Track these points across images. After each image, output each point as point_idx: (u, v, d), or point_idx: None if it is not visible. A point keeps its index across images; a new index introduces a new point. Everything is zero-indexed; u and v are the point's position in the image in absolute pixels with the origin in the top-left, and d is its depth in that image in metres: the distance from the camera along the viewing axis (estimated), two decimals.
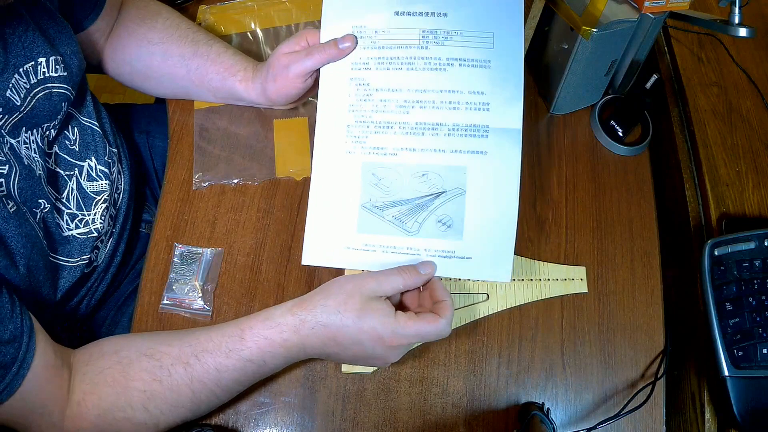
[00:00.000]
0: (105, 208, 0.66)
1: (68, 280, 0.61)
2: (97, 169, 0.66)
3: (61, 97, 0.59)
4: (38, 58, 0.55)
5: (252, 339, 0.52)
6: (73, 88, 0.61)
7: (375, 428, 0.60)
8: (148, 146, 0.85)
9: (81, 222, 0.63)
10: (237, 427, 0.60)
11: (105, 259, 0.68)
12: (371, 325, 0.51)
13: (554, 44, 0.72)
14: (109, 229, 0.68)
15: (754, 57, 0.77)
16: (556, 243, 0.69)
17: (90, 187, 0.65)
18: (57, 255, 0.60)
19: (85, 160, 0.65)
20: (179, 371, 0.52)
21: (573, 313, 0.66)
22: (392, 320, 0.51)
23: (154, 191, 0.85)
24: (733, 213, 0.66)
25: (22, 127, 0.55)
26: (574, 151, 0.75)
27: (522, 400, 0.62)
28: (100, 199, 0.65)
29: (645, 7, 0.65)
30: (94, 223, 0.64)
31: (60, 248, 0.61)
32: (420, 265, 0.56)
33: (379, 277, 0.53)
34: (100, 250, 0.67)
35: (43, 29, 0.56)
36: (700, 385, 0.61)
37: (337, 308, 0.51)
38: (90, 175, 0.65)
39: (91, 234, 0.64)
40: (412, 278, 0.54)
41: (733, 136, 0.71)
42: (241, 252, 0.67)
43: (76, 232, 0.62)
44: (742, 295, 0.58)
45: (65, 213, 0.62)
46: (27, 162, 0.55)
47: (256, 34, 0.82)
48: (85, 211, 0.64)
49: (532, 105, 0.78)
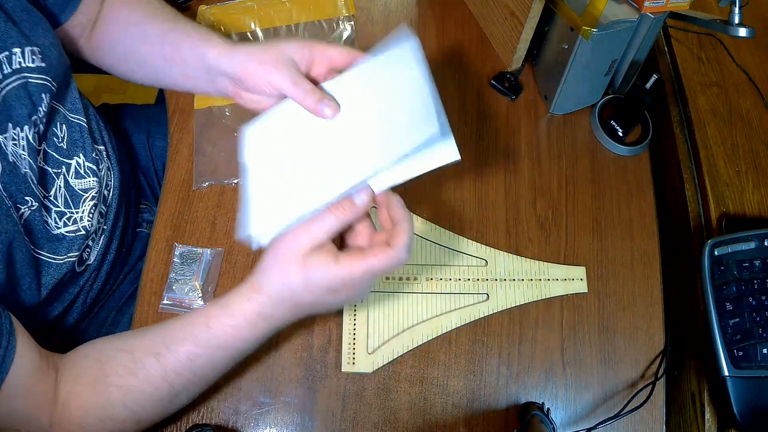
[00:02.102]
0: (93, 205, 0.65)
1: (53, 277, 0.60)
2: (85, 166, 0.65)
3: (40, 88, 0.58)
4: (12, 48, 0.55)
5: (218, 328, 0.52)
6: (54, 80, 0.60)
7: (375, 428, 0.60)
8: (147, 146, 0.85)
9: (69, 220, 0.63)
10: (237, 427, 0.60)
11: (97, 258, 0.68)
12: (318, 282, 0.49)
13: (554, 44, 0.72)
14: (99, 227, 0.67)
15: (754, 57, 0.77)
16: (556, 243, 0.69)
17: (78, 184, 0.64)
18: (42, 251, 0.60)
19: (73, 158, 0.65)
20: (151, 362, 0.51)
21: (573, 313, 0.66)
22: (336, 268, 0.48)
23: (155, 191, 0.85)
24: (733, 213, 0.66)
25: (7, 123, 0.55)
26: (574, 151, 0.75)
27: (522, 400, 0.62)
28: (87, 196, 0.65)
29: (645, 7, 0.65)
30: (82, 221, 0.64)
31: (46, 245, 0.60)
32: (354, 195, 0.50)
33: (309, 227, 0.49)
34: (91, 249, 0.66)
35: (17, 21, 0.56)
36: (700, 385, 0.61)
37: (281, 279, 0.50)
38: (78, 173, 0.65)
39: (80, 232, 0.63)
40: (348, 212, 0.49)
41: (733, 136, 0.71)
42: (241, 252, 0.67)
43: (65, 231, 0.62)
44: (742, 295, 0.58)
45: (53, 211, 0.61)
46: (12, 159, 0.55)
47: (256, 34, 0.82)
48: (74, 209, 0.64)
49: (532, 105, 0.78)
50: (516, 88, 0.78)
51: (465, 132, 0.75)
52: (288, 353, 0.63)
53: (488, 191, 0.72)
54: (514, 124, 0.77)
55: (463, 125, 0.76)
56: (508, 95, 0.78)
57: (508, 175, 0.73)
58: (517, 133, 0.76)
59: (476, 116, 0.77)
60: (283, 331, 0.63)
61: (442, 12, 0.85)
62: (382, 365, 0.62)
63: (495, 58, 0.82)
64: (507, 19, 0.76)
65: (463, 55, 0.82)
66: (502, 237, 0.69)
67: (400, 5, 0.86)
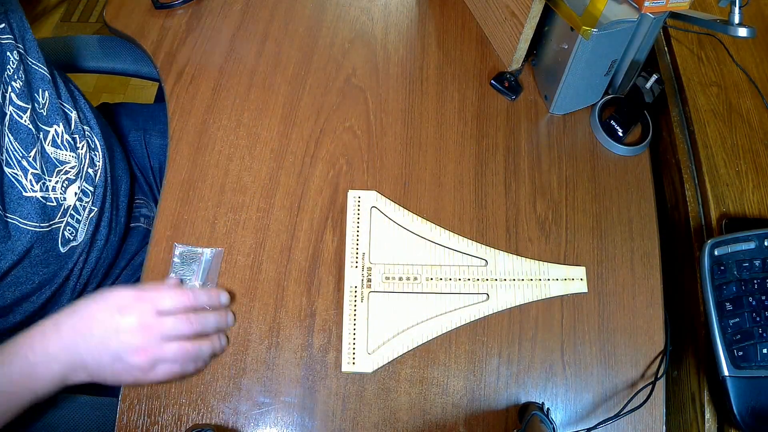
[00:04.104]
0: (67, 179, 0.66)
1: (23, 244, 0.61)
2: (63, 137, 0.66)
3: (5, 48, 0.59)
4: None
5: (22, 338, 0.53)
6: (18, 40, 0.62)
7: (375, 428, 0.60)
8: (144, 143, 0.85)
9: (44, 186, 0.63)
10: (237, 427, 0.60)
11: (85, 240, 0.68)
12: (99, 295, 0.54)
13: (554, 44, 0.72)
14: (84, 206, 0.67)
15: (754, 57, 0.77)
16: (556, 243, 0.69)
17: (53, 153, 0.65)
18: (13, 216, 0.60)
19: (53, 126, 0.65)
20: None
21: (573, 313, 0.66)
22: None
23: (152, 187, 0.85)
24: (733, 213, 0.66)
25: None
26: (574, 151, 0.75)
27: (522, 400, 0.62)
28: (62, 168, 0.65)
29: (645, 7, 0.65)
30: (55, 192, 0.64)
31: (18, 209, 0.60)
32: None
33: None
34: (76, 230, 0.67)
35: None
36: (700, 385, 0.61)
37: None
38: (54, 141, 0.65)
39: (50, 202, 0.63)
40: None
41: (733, 136, 0.71)
42: (241, 252, 0.67)
43: (39, 195, 0.62)
44: (742, 295, 0.58)
45: (30, 172, 0.62)
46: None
47: None
48: (47, 177, 0.64)
49: (532, 105, 0.78)
50: (516, 88, 0.78)
51: (465, 132, 0.75)
52: (288, 353, 0.63)
53: (488, 191, 0.72)
54: (514, 124, 0.77)
55: (463, 125, 0.76)
56: (508, 95, 0.78)
57: (508, 175, 0.73)
58: (517, 133, 0.76)
59: (476, 116, 0.77)
60: (284, 332, 0.63)
61: (442, 12, 0.85)
62: (382, 365, 0.62)
63: (495, 58, 0.82)
64: (507, 19, 0.76)
65: (463, 55, 0.82)
66: (502, 237, 0.69)
67: (400, 5, 0.86)
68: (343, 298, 0.64)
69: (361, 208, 0.69)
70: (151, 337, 0.54)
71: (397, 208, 0.69)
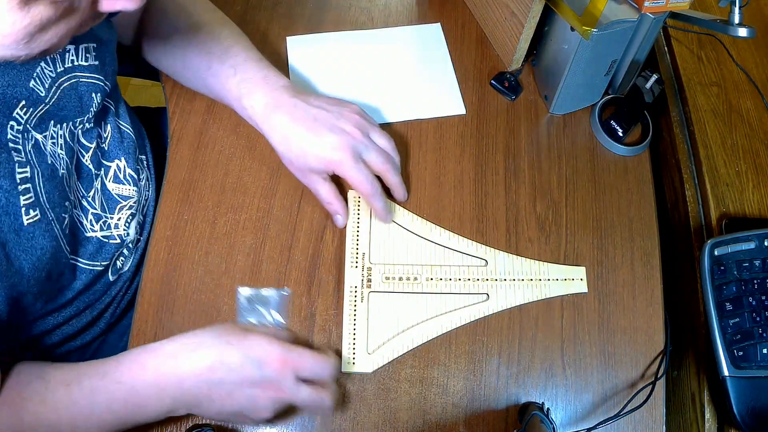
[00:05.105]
0: (131, 215, 0.64)
1: (83, 282, 0.60)
2: (125, 171, 0.64)
3: (91, 88, 0.56)
4: (66, 45, 0.52)
5: (126, 362, 0.51)
6: (107, 78, 0.58)
7: (375, 428, 0.60)
8: None
9: (105, 224, 0.61)
10: (237, 427, 0.60)
11: (131, 268, 0.67)
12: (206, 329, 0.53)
13: (554, 44, 0.72)
14: (136, 237, 0.66)
15: (754, 57, 0.77)
16: (556, 243, 0.69)
17: (115, 189, 0.63)
18: (78, 258, 0.58)
19: (114, 161, 0.63)
20: (61, 391, 0.50)
21: (573, 313, 0.66)
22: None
23: None
24: (733, 213, 0.66)
25: (49, 120, 0.53)
26: (574, 151, 0.75)
27: (522, 400, 0.62)
28: (125, 204, 0.64)
29: (645, 7, 0.65)
30: (117, 229, 0.62)
31: (80, 250, 0.59)
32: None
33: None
34: (126, 258, 0.65)
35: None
36: (700, 385, 0.61)
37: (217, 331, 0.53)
38: (117, 177, 0.63)
39: (114, 240, 0.62)
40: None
41: (733, 136, 0.71)
42: (241, 252, 0.67)
43: (100, 235, 0.61)
44: (742, 295, 0.58)
45: (90, 212, 0.60)
46: (50, 161, 0.53)
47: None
48: (108, 214, 0.62)
49: (532, 105, 0.78)
50: (516, 88, 0.78)
51: (465, 132, 0.75)
52: None
53: (488, 191, 0.72)
54: (514, 124, 0.77)
55: (462, 125, 0.76)
56: (508, 95, 0.78)
57: (508, 175, 0.73)
58: (517, 133, 0.76)
59: (476, 116, 0.77)
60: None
61: (442, 12, 0.85)
62: (382, 365, 0.62)
63: (495, 58, 0.82)
64: (507, 19, 0.76)
65: (463, 55, 0.82)
66: (502, 237, 0.69)
67: (400, 5, 0.86)
68: (343, 299, 0.64)
69: (361, 208, 0.69)
70: (282, 403, 0.54)
71: (397, 208, 0.69)
